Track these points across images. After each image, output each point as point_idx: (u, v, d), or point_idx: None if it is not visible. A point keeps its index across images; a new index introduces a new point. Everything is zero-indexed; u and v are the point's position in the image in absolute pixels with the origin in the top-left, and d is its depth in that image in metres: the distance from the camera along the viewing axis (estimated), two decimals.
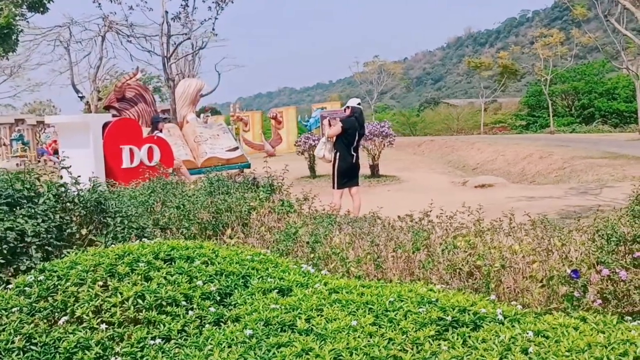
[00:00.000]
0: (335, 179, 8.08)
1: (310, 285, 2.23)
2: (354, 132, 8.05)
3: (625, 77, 33.06)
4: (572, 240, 3.73)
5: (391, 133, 12.96)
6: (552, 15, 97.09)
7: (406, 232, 4.44)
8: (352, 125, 8.05)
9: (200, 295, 2.09)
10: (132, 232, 3.25)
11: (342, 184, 8.09)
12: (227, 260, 2.37)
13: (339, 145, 8.01)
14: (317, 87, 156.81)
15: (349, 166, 8.09)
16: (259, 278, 2.30)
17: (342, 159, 8.00)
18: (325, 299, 2.04)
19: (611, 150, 15.72)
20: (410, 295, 2.03)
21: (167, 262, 2.31)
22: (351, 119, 8.14)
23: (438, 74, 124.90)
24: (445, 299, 2.01)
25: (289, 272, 2.39)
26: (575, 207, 7.80)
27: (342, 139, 8.01)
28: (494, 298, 2.36)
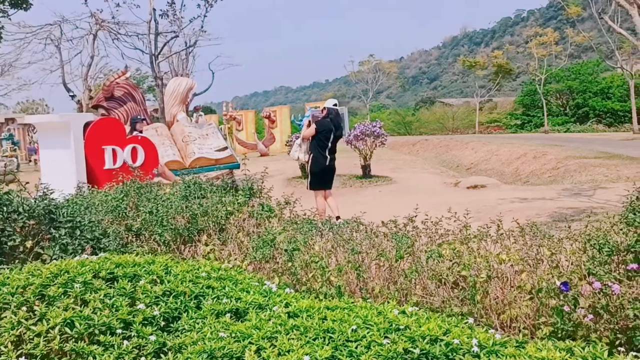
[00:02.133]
0: (309, 180, 8.07)
1: (269, 307, 2.01)
2: (329, 134, 7.93)
3: (619, 77, 32.95)
4: (562, 249, 3.53)
5: (383, 133, 12.73)
6: (547, 15, 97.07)
7: (390, 239, 4.22)
8: (327, 126, 7.93)
9: (142, 320, 1.87)
10: (87, 244, 3.01)
11: (316, 185, 8.04)
12: (179, 279, 2.15)
13: (313, 148, 7.96)
14: (313, 86, 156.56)
15: (322, 168, 8.01)
16: (213, 298, 2.08)
17: (315, 161, 7.95)
18: (282, 325, 1.82)
19: (605, 150, 15.55)
20: (378, 320, 1.81)
21: (109, 281, 2.08)
22: (325, 121, 8.02)
23: (434, 73, 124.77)
24: (416, 326, 1.80)
25: (249, 290, 2.17)
26: (569, 210, 7.60)
27: (315, 140, 7.92)
28: (472, 321, 2.13)
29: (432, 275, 3.78)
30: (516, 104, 41.07)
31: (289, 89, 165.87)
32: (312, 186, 8.05)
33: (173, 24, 14.45)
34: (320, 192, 8.11)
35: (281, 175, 14.78)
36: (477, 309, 3.43)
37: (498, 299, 3.48)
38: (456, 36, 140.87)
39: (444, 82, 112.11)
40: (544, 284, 3.23)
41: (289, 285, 4.08)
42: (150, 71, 19.65)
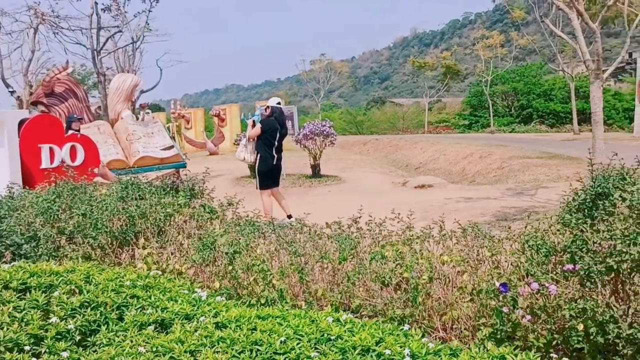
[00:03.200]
0: (258, 180, 8.06)
1: (197, 317, 1.89)
2: (275, 133, 7.96)
3: (561, 79, 34.12)
4: (502, 250, 3.55)
5: (332, 132, 12.71)
6: (494, 18, 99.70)
7: (334, 241, 4.16)
8: (272, 125, 7.96)
9: (55, 335, 1.73)
10: (6, 250, 2.81)
11: (266, 185, 8.06)
12: (100, 288, 2.01)
13: (260, 147, 7.95)
14: (265, 84, 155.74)
15: (270, 167, 8.06)
16: (138, 309, 1.95)
17: (263, 160, 7.97)
18: (209, 337, 1.71)
19: (547, 150, 16.03)
20: (310, 330, 1.73)
21: (22, 292, 1.93)
22: (270, 120, 8.03)
23: (385, 73, 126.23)
24: (349, 335, 1.73)
25: (178, 299, 2.05)
26: (512, 209, 7.76)
27: (262, 140, 7.93)
28: (407, 328, 2.07)
29: (375, 277, 3.74)
30: (464, 105, 41.97)
31: (240, 87, 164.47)
32: (262, 186, 8.06)
33: (117, 19, 13.99)
34: (268, 191, 8.07)
35: (230, 174, 14.56)
36: (418, 311, 3.41)
37: (440, 301, 3.47)
38: (406, 37, 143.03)
39: (395, 82, 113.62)
40: (484, 285, 3.24)
41: (229, 290, 3.97)
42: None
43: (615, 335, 2.71)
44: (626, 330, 2.67)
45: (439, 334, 3.43)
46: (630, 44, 34.14)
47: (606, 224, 2.92)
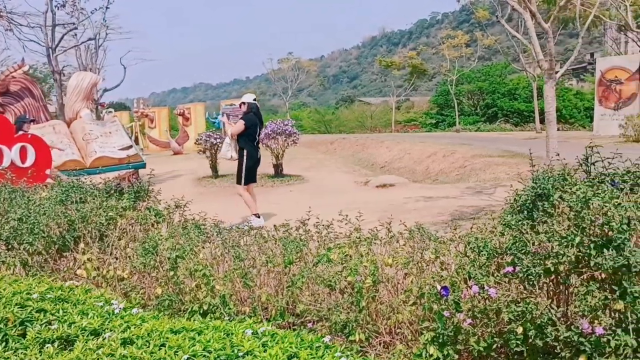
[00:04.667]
0: (243, 175, 8.08)
1: (105, 332, 1.78)
2: (256, 128, 8.12)
3: (525, 79, 34.64)
4: (447, 252, 3.51)
5: (295, 132, 12.61)
6: (460, 18, 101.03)
7: (280, 244, 4.06)
8: (253, 121, 8.08)
9: None
10: None
11: (248, 179, 8.16)
12: (4, 302, 1.88)
13: (245, 143, 8.02)
14: (234, 83, 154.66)
15: (255, 162, 8.26)
16: (43, 324, 1.82)
17: (250, 155, 8.05)
18: (111, 355, 1.60)
19: (509, 148, 16.22)
20: (221, 345, 1.64)
21: None
22: (251, 115, 8.13)
23: (354, 72, 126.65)
24: (260, 350, 1.64)
25: (89, 312, 1.93)
26: (469, 208, 7.79)
27: (245, 136, 8.02)
28: (328, 339, 1.99)
29: (321, 281, 3.66)
30: (431, 104, 42.32)
31: (208, 86, 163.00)
32: (246, 181, 8.16)
33: (72, 16, 13.61)
34: (249, 186, 8.25)
35: (192, 174, 14.35)
36: (362, 315, 3.35)
37: (385, 305, 3.41)
38: (375, 36, 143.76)
39: (363, 81, 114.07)
40: (426, 288, 3.19)
41: (171, 296, 3.84)
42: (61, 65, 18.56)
43: (554, 338, 2.69)
44: (564, 333, 2.64)
45: (383, 338, 3.37)
46: (592, 44, 35.37)
47: (545, 225, 2.89)
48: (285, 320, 3.66)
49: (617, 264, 2.53)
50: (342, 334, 3.38)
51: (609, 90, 21.41)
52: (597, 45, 76.92)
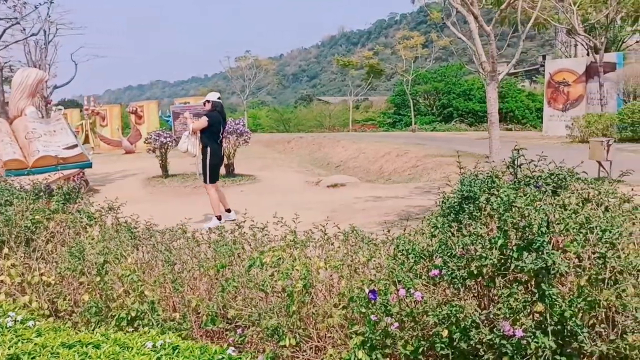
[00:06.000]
0: (208, 173, 8.10)
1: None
2: (219, 126, 8.21)
3: (479, 80, 35.33)
4: (379, 255, 3.48)
5: (246, 131, 12.47)
6: (418, 19, 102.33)
7: (213, 248, 3.97)
8: (217, 119, 8.16)
9: None
10: None
11: (214, 178, 8.20)
12: None
13: (209, 140, 8.08)
14: (192, 80, 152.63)
15: (219, 160, 8.39)
16: None
17: (214, 153, 8.11)
18: None
19: (462, 148, 16.45)
20: None
21: None
22: (215, 113, 8.20)
23: (313, 71, 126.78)
24: None
25: None
26: (416, 208, 7.84)
27: (209, 133, 8.08)
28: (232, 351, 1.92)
29: (253, 285, 3.59)
30: (389, 103, 42.68)
31: (166, 83, 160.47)
32: (211, 179, 8.17)
33: (15, 10, 13.09)
34: (215, 184, 8.27)
35: (142, 174, 14.03)
36: (293, 320, 3.29)
37: (316, 309, 3.36)
38: (334, 36, 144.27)
39: (323, 80, 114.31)
40: (356, 292, 3.16)
41: (98, 303, 3.70)
42: None
43: (478, 341, 2.69)
44: (487, 335, 2.64)
45: (315, 343, 3.33)
46: (544, 47, 36.38)
47: (469, 228, 2.89)
48: (216, 326, 3.57)
49: (537, 267, 2.54)
50: (272, 339, 3.32)
51: (558, 92, 22.02)
52: (549, 48, 79.13)
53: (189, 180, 12.49)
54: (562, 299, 2.52)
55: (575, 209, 2.75)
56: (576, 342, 2.49)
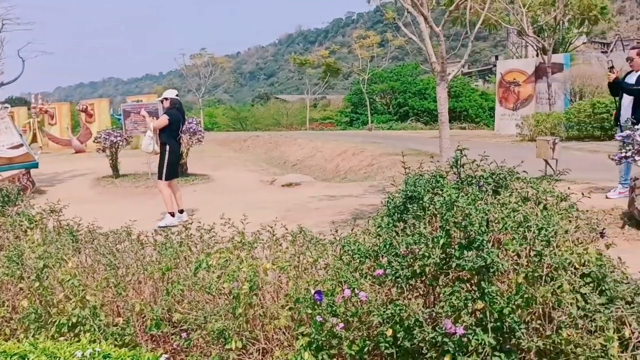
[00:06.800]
0: (165, 171, 8.04)
1: None
2: (179, 124, 8.21)
3: (433, 79, 35.90)
4: (327, 255, 3.48)
5: (200, 130, 12.30)
6: (375, 19, 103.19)
7: (158, 250, 3.88)
8: (177, 117, 8.15)
9: None
10: None
11: (171, 175, 8.13)
12: None
13: (168, 138, 8.05)
14: (146, 78, 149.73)
15: (177, 157, 8.37)
16: None
17: (172, 151, 8.08)
18: None
19: (416, 147, 16.70)
20: None
21: None
22: (174, 111, 8.18)
23: (271, 69, 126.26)
24: None
25: None
26: (369, 207, 7.89)
27: (168, 131, 8.05)
28: (167, 358, 1.88)
29: (199, 288, 3.53)
30: (346, 102, 42.89)
31: (119, 81, 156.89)
32: (167, 177, 8.10)
33: None
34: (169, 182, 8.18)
35: (92, 174, 13.66)
36: (239, 323, 3.26)
37: (262, 310, 3.34)
38: (291, 34, 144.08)
39: (280, 78, 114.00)
40: (302, 293, 3.15)
41: (36, 309, 3.57)
42: None
43: (421, 339, 2.71)
44: (430, 334, 2.67)
45: (261, 345, 3.30)
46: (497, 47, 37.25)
47: (412, 227, 2.92)
48: (161, 330, 3.50)
49: (477, 265, 2.58)
50: (218, 342, 3.27)
51: (508, 91, 22.57)
52: (502, 49, 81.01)
53: (140, 180, 12.24)
54: (501, 297, 2.57)
55: (515, 207, 2.81)
56: (514, 338, 2.54)
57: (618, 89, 7.51)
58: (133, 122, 12.97)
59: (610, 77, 7.53)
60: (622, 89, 7.43)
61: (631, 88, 7.32)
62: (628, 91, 7.35)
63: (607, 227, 5.98)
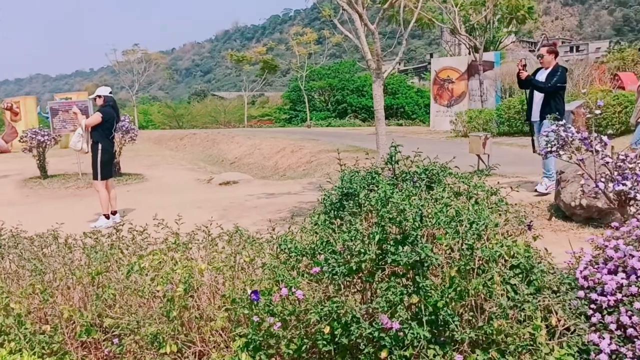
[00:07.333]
0: (99, 170, 7.83)
1: None
2: (113, 122, 8.00)
3: (371, 76, 36.41)
4: (264, 254, 3.44)
5: (133, 128, 11.91)
6: (312, 16, 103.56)
7: (88, 254, 3.73)
8: (111, 114, 7.95)
9: None
10: None
11: (106, 174, 7.92)
12: None
13: (100, 136, 7.82)
14: (76, 74, 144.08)
15: (111, 156, 8.17)
16: None
17: (105, 149, 7.87)
18: None
19: (354, 144, 16.85)
20: None
21: None
22: (108, 109, 7.97)
23: (207, 66, 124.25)
24: None
25: None
26: (308, 204, 7.89)
27: (101, 129, 7.84)
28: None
29: (132, 291, 3.41)
30: (284, 99, 42.81)
31: (47, 77, 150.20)
32: (103, 176, 7.87)
33: None
34: (105, 182, 7.94)
35: (18, 175, 12.99)
36: (174, 326, 3.17)
37: (198, 312, 3.26)
38: (228, 30, 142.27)
39: (217, 75, 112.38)
40: (239, 293, 3.10)
41: None
42: None
43: (358, 335, 2.72)
44: (367, 329, 2.68)
45: (197, 348, 3.22)
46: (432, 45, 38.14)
47: (349, 224, 2.93)
48: (91, 337, 3.36)
49: (412, 260, 2.61)
50: (152, 346, 3.17)
51: (443, 88, 23.17)
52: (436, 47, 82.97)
53: (70, 180, 11.74)
54: (435, 290, 2.61)
55: (447, 202, 2.86)
56: (448, 330, 2.59)
57: (529, 86, 7.76)
58: (61, 120, 12.42)
59: (522, 74, 7.72)
60: (532, 86, 7.68)
61: (539, 85, 7.58)
62: (537, 88, 7.62)
63: (535, 220, 6.25)
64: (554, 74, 7.52)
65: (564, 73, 7.61)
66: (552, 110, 7.43)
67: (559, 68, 7.61)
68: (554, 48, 7.92)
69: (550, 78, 7.52)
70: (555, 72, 7.53)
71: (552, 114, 4.25)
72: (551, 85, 7.45)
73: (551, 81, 7.47)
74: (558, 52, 7.98)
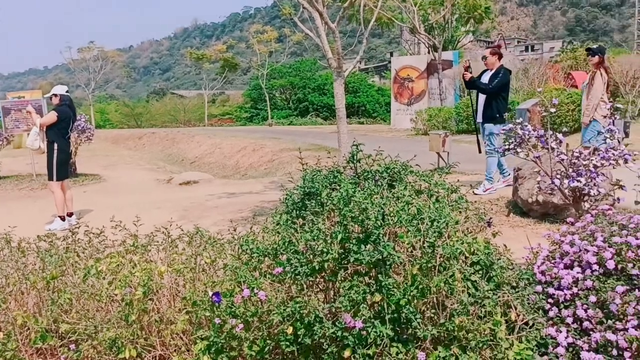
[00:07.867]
0: (55, 170, 7.62)
1: None
2: (69, 121, 7.84)
3: (332, 75, 36.50)
4: (225, 255, 3.40)
5: (89, 127, 11.62)
6: (272, 14, 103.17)
7: (42, 257, 3.60)
8: (67, 114, 7.78)
9: None
10: None
11: (62, 175, 7.72)
12: None
13: (56, 136, 7.64)
14: (29, 72, 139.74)
15: (67, 156, 7.96)
16: None
17: (61, 149, 7.68)
18: None
19: (316, 142, 16.86)
20: None
21: None
22: (65, 108, 7.79)
23: (166, 64, 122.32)
24: None
25: None
26: (269, 203, 7.84)
27: (57, 128, 7.66)
28: None
29: (89, 296, 3.32)
30: (245, 98, 42.51)
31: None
32: (58, 177, 7.66)
33: None
34: (61, 183, 7.74)
35: None
36: (132, 330, 3.09)
37: (158, 316, 3.19)
38: (187, 28, 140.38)
39: (176, 73, 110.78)
40: (200, 295, 3.05)
41: None
42: None
43: (321, 335, 2.71)
44: (330, 329, 2.67)
45: (157, 352, 3.16)
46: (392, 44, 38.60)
47: (311, 224, 2.91)
48: (47, 343, 3.25)
49: (374, 258, 2.62)
50: (111, 351, 3.09)
51: (403, 87, 23.41)
52: (396, 45, 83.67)
53: (24, 181, 11.37)
54: (397, 288, 2.62)
55: (409, 201, 2.88)
56: (411, 328, 2.61)
57: (473, 87, 7.85)
58: (14, 120, 12.02)
59: (466, 75, 7.81)
60: (475, 87, 7.79)
61: (481, 87, 7.69)
62: (480, 89, 7.73)
63: (494, 216, 6.37)
64: (496, 75, 7.62)
65: (506, 75, 7.67)
66: (494, 112, 7.57)
67: (501, 70, 7.70)
68: (498, 50, 7.99)
69: (492, 79, 7.63)
70: (498, 74, 7.63)
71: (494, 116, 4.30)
72: (492, 87, 7.55)
73: (493, 82, 7.58)
74: (502, 54, 8.07)
